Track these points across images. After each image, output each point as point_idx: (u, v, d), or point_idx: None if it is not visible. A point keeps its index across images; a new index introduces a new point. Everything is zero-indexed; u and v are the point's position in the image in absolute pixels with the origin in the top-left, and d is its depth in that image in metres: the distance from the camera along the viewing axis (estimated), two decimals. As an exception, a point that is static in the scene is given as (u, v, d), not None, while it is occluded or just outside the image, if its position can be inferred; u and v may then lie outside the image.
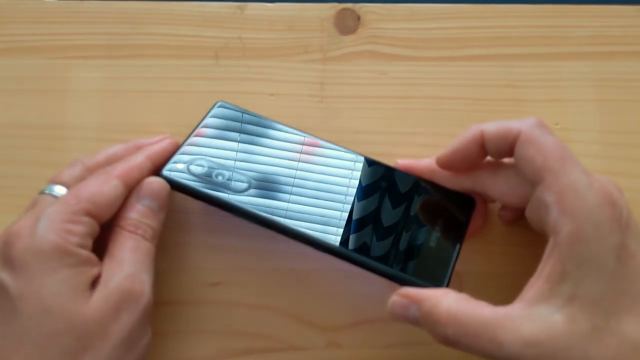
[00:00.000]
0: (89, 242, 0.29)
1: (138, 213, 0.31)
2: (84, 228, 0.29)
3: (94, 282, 0.29)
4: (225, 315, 0.33)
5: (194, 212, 0.35)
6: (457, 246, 0.31)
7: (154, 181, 0.32)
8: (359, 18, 0.40)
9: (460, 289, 0.33)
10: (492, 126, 0.30)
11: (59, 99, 0.38)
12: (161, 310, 0.33)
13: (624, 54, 0.39)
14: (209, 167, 0.33)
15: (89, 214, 0.29)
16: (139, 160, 0.32)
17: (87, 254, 0.29)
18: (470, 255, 0.34)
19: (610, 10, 0.40)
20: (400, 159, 0.34)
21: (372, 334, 0.33)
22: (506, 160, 0.31)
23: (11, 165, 0.37)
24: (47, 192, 0.31)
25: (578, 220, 0.26)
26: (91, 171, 0.33)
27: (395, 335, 0.33)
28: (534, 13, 0.40)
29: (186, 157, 0.33)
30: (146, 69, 0.39)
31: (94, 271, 0.29)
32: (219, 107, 0.35)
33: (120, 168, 0.31)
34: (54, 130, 0.37)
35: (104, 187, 0.30)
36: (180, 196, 0.33)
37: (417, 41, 0.39)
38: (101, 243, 0.30)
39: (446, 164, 0.32)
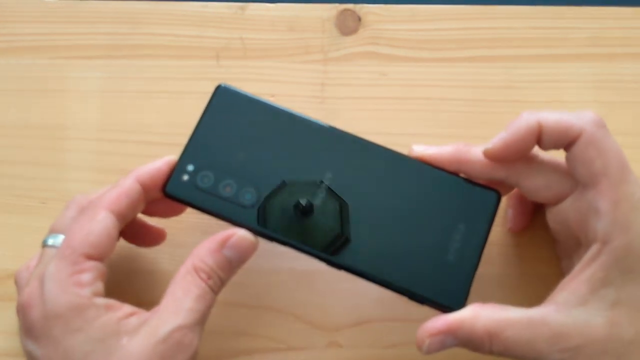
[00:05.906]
0: (101, 286, 0.28)
1: (216, 262, 0.28)
2: (90, 275, 0.27)
3: (128, 323, 0.27)
4: (225, 315, 0.33)
5: (192, 211, 0.35)
6: (478, 254, 0.29)
7: (247, 238, 0.29)
8: (359, 19, 0.40)
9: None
10: (551, 119, 0.28)
11: (59, 99, 0.38)
12: (161, 310, 0.33)
13: (623, 56, 0.39)
14: (215, 178, 0.30)
15: (90, 257, 0.28)
16: (127, 184, 0.29)
17: (104, 301, 0.27)
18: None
19: (609, 12, 0.40)
20: (415, 145, 0.31)
21: (372, 334, 0.33)
22: (541, 153, 0.30)
23: (11, 165, 0.37)
24: (50, 243, 0.30)
25: (631, 234, 0.26)
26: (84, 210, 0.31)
27: (396, 335, 0.33)
28: (533, 15, 0.40)
29: (190, 167, 0.30)
30: (146, 69, 0.39)
31: (119, 314, 0.27)
32: (221, 92, 0.31)
33: (107, 198, 0.29)
34: (54, 130, 0.37)
35: (93, 225, 0.28)
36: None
37: (417, 42, 0.39)
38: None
39: (498, 156, 0.29)
